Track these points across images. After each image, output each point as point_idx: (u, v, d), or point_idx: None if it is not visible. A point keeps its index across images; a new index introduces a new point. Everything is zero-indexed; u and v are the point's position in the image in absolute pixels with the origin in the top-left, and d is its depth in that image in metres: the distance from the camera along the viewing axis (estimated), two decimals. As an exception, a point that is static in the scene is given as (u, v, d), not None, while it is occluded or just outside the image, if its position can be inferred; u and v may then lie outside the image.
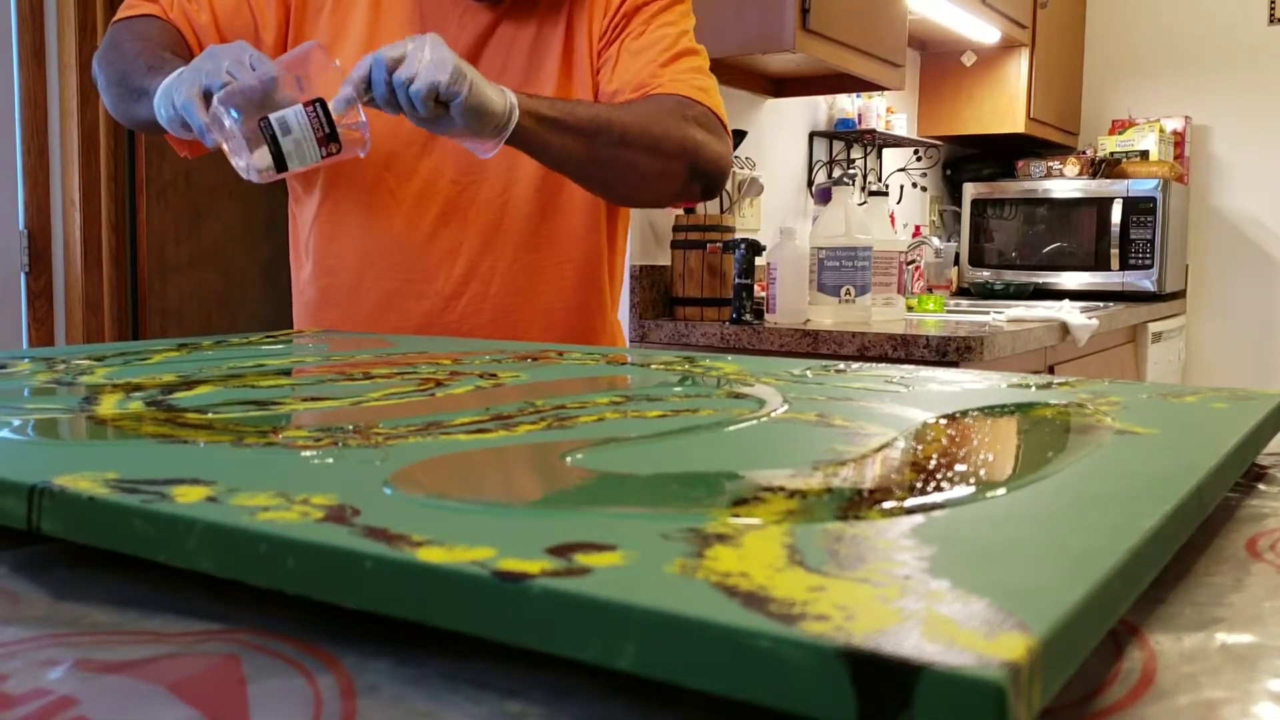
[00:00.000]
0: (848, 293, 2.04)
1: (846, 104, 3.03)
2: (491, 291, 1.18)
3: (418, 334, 1.16)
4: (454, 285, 1.18)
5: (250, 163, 0.98)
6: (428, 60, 0.94)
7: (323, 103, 0.96)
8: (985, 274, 3.52)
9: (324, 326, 1.22)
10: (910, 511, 0.34)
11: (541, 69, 1.18)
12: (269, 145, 0.96)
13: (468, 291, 1.18)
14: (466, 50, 1.17)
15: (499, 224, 1.18)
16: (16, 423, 0.51)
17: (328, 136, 0.97)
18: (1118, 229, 3.30)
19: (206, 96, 0.96)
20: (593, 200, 1.21)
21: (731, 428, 0.52)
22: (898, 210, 3.35)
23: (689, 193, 1.16)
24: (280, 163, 0.97)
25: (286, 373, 0.73)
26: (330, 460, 0.43)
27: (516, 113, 1.01)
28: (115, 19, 1.19)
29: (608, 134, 1.06)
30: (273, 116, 0.95)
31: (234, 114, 0.96)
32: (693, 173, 1.12)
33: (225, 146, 0.97)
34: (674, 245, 2.25)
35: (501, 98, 1.00)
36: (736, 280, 2.07)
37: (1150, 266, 3.28)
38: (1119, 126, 3.79)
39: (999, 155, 3.77)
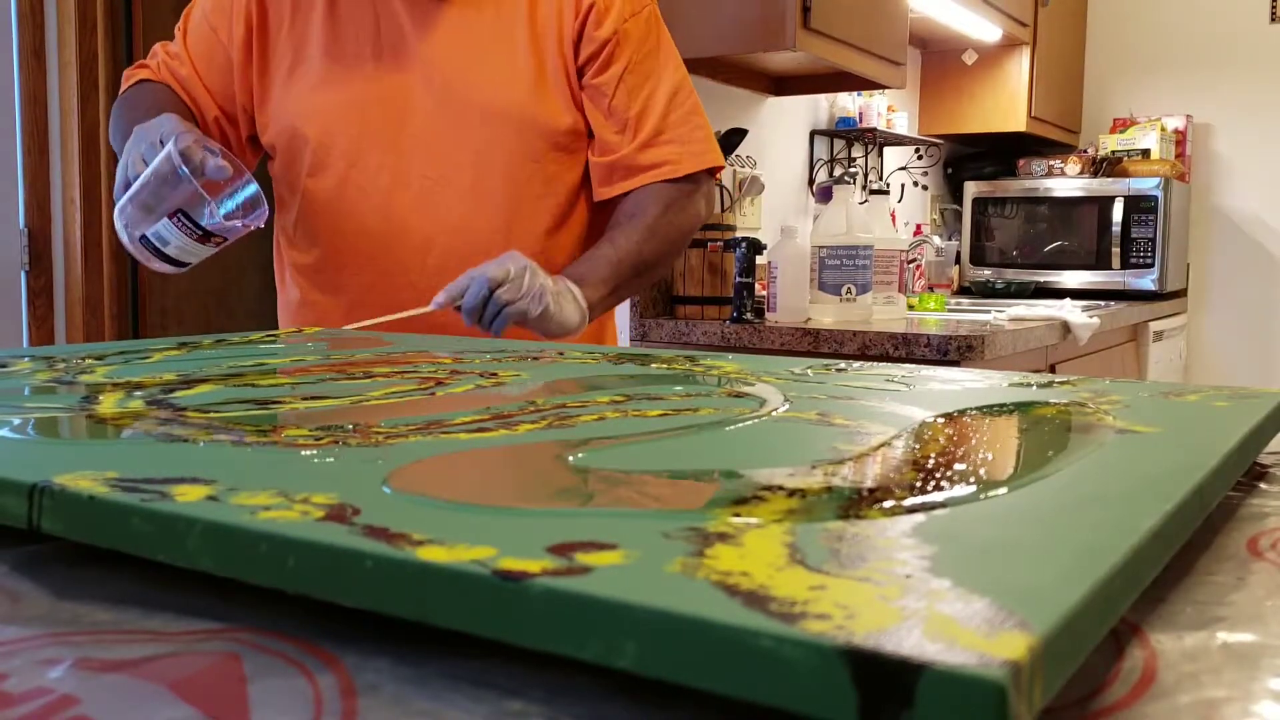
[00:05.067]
0: (849, 291, 2.04)
1: (847, 102, 3.03)
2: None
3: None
4: (428, 278, 1.18)
5: (154, 264, 1.07)
6: (525, 288, 1.05)
7: (183, 211, 1.02)
8: (986, 273, 3.51)
9: (311, 321, 1.23)
10: (911, 510, 0.34)
11: (515, 57, 1.18)
12: (155, 254, 1.04)
13: (442, 284, 1.19)
14: (425, 45, 1.17)
15: (470, 218, 1.18)
16: (17, 421, 0.51)
17: (204, 235, 1.04)
18: (1119, 228, 3.30)
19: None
20: (568, 199, 1.23)
21: (732, 427, 0.52)
22: (899, 209, 3.35)
23: None
24: (176, 263, 1.06)
25: (287, 372, 0.73)
26: (330, 459, 0.43)
27: (588, 318, 1.13)
28: (121, 91, 1.28)
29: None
30: (149, 233, 1.03)
31: (127, 235, 1.06)
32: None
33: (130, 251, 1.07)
34: (675, 244, 2.25)
35: (576, 310, 1.10)
36: (737, 279, 2.07)
37: (1151, 265, 3.28)
38: (1120, 125, 3.79)
39: (1000, 154, 3.77)
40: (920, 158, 3.54)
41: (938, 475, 0.39)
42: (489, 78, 1.17)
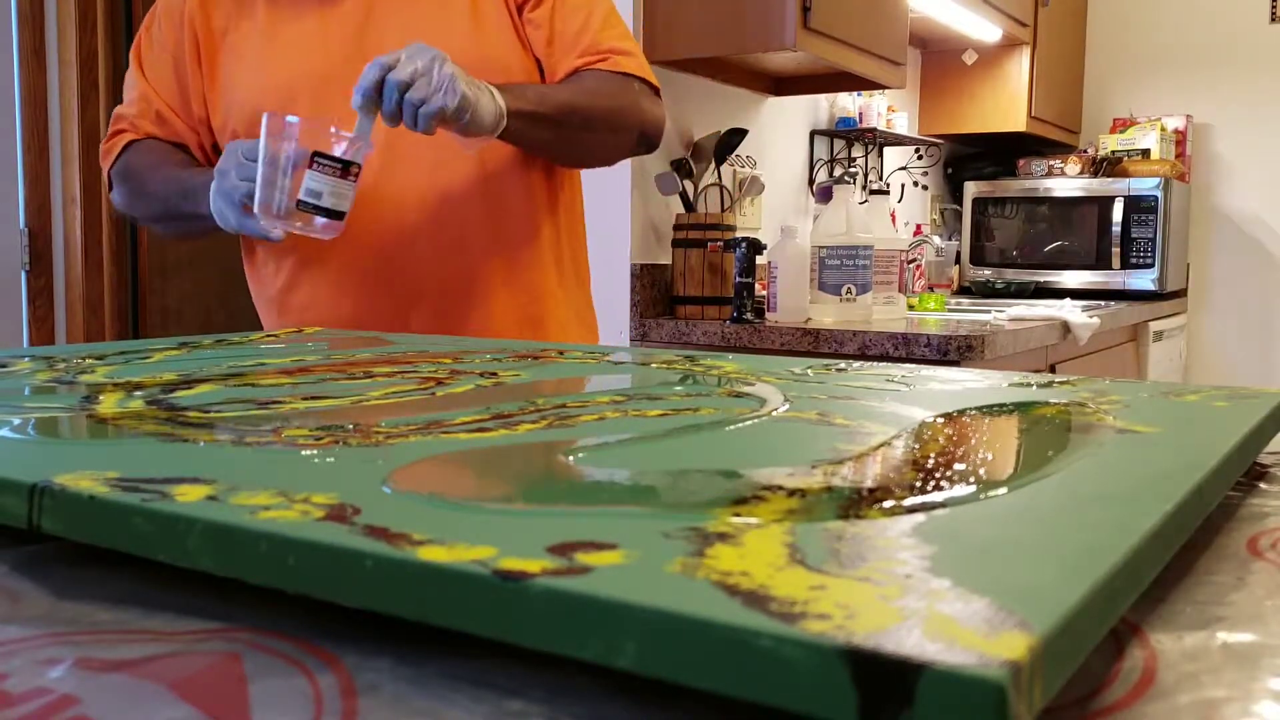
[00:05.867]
0: (849, 291, 2.04)
1: (847, 102, 3.03)
2: (440, 237, 1.21)
3: (388, 292, 1.20)
4: (408, 233, 1.20)
5: (318, 229, 1.09)
6: (435, 83, 1.03)
7: (318, 153, 1.06)
8: (986, 273, 3.51)
9: (300, 304, 1.25)
10: (911, 510, 0.34)
11: (449, 7, 1.21)
12: (315, 213, 1.07)
13: (424, 238, 1.20)
14: (360, 6, 1.21)
15: (440, 171, 1.20)
16: (17, 421, 0.51)
17: (344, 168, 1.06)
18: (1119, 228, 3.30)
19: (249, 204, 1.09)
20: (530, 177, 1.26)
21: (732, 427, 0.52)
22: (899, 209, 3.35)
23: (633, 154, 1.32)
24: (335, 215, 1.08)
25: (287, 371, 0.73)
26: (331, 459, 0.43)
27: (505, 120, 1.10)
28: (108, 164, 1.31)
29: (575, 119, 1.19)
30: (301, 195, 1.06)
31: (275, 232, 1.09)
32: (639, 139, 1.28)
33: (295, 230, 1.10)
34: (674, 244, 2.25)
35: (493, 105, 1.08)
36: (737, 279, 2.07)
37: (1151, 265, 3.28)
38: (1120, 125, 3.78)
39: (1000, 154, 3.77)
40: (920, 158, 3.54)
41: (938, 475, 0.39)
42: (423, 25, 1.20)
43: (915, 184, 3.55)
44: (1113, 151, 3.64)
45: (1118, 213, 3.30)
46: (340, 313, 1.23)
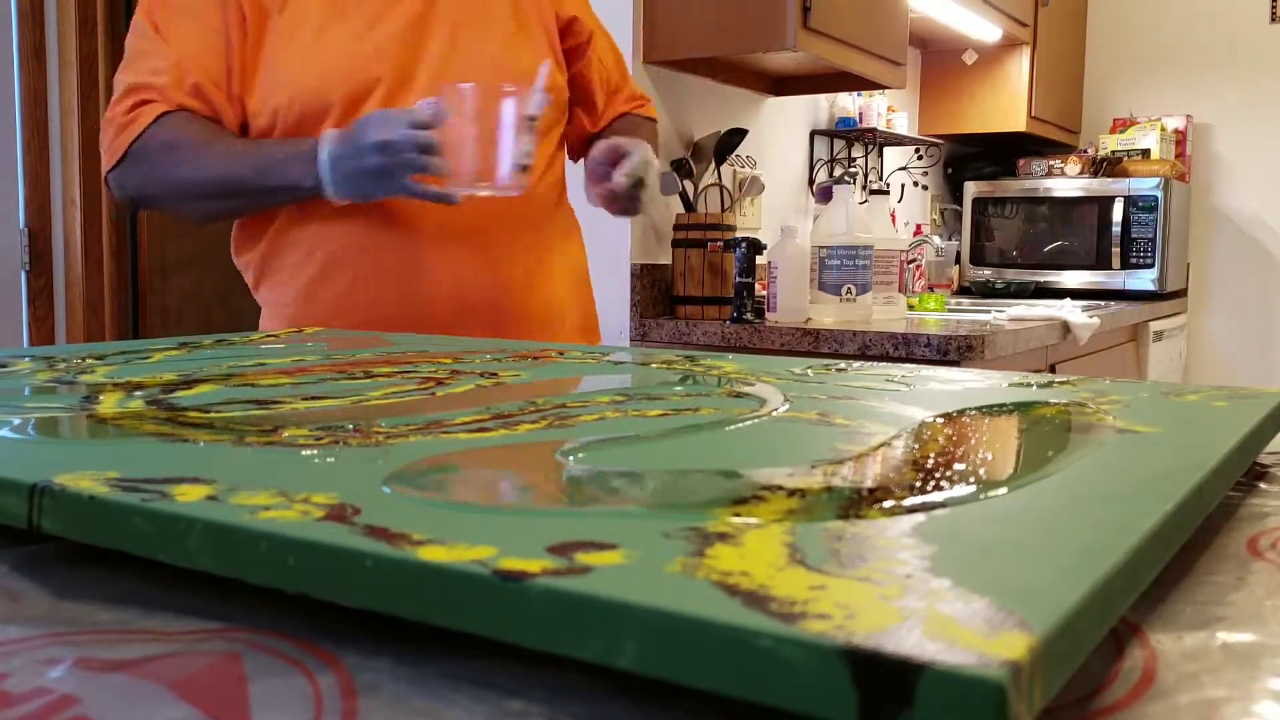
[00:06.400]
0: (849, 291, 2.04)
1: (847, 102, 3.03)
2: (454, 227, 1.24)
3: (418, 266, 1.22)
4: (447, 216, 1.21)
5: (506, 185, 1.15)
6: (652, 190, 1.24)
7: (528, 116, 1.15)
8: (986, 273, 3.51)
9: (331, 297, 1.22)
10: (911, 510, 0.34)
11: (492, 12, 1.27)
12: (525, 171, 1.15)
13: (455, 228, 1.23)
14: (418, 5, 1.24)
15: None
16: (17, 421, 0.51)
17: (531, 125, 1.16)
18: (1119, 228, 3.30)
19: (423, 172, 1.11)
20: (558, 149, 1.35)
21: (732, 427, 0.52)
22: (899, 209, 3.35)
23: None
24: (525, 169, 1.16)
25: (287, 371, 0.73)
26: (331, 459, 0.43)
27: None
28: (132, 136, 1.17)
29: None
30: (521, 158, 1.15)
31: (458, 196, 1.14)
32: None
33: (479, 192, 1.16)
34: (675, 244, 2.25)
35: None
36: (737, 279, 2.07)
37: (1151, 265, 3.28)
38: (1120, 125, 3.78)
39: (1000, 154, 3.77)
40: (920, 158, 3.54)
41: (938, 475, 0.39)
42: (469, 29, 1.24)
43: (915, 184, 3.55)
44: (1113, 151, 3.64)
45: (1118, 213, 3.30)
46: (380, 308, 1.20)
